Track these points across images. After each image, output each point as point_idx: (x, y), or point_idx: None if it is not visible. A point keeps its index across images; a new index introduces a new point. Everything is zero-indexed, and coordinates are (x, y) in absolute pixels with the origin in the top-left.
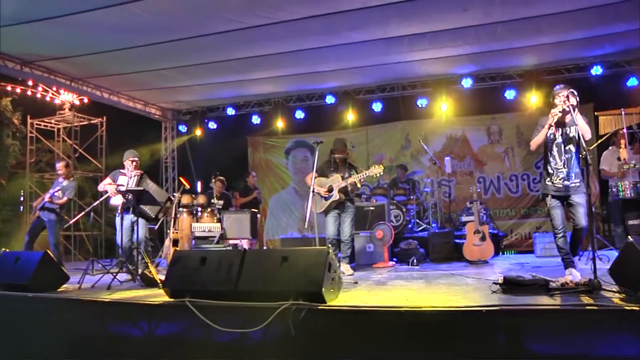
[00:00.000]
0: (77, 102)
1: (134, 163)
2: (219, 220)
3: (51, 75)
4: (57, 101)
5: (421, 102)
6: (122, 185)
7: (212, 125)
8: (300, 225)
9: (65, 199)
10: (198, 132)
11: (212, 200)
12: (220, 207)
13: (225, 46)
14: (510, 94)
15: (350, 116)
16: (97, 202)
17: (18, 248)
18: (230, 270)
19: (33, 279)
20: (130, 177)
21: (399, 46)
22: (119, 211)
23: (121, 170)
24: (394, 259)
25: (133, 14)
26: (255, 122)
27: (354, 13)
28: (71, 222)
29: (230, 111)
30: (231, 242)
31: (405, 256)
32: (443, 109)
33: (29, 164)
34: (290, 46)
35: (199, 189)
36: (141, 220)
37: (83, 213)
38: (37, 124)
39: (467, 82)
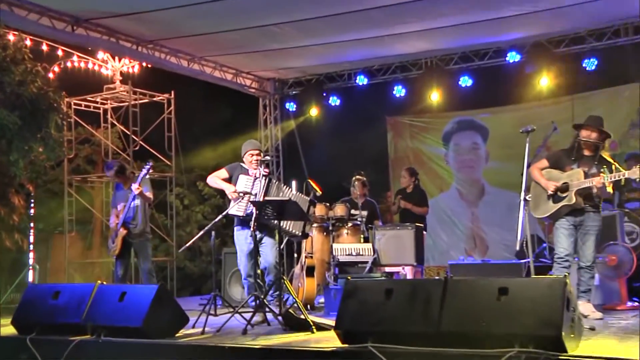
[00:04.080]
0: (130, 73)
1: (257, 157)
2: (366, 239)
3: (112, 37)
4: (105, 72)
5: None
6: (247, 192)
7: (334, 100)
8: (469, 245)
9: (149, 193)
10: (313, 111)
11: (353, 212)
12: (365, 219)
13: None
14: None
15: (545, 81)
16: (222, 215)
17: (56, 279)
18: (429, 306)
19: (148, 320)
20: (256, 179)
21: None
22: (251, 227)
23: (243, 165)
24: (635, 299)
25: None
26: (397, 95)
27: None
28: (188, 243)
29: (362, 80)
30: (387, 269)
31: None
32: None
33: (67, 161)
34: None
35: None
36: (269, 240)
37: (203, 231)
38: (75, 104)
39: None
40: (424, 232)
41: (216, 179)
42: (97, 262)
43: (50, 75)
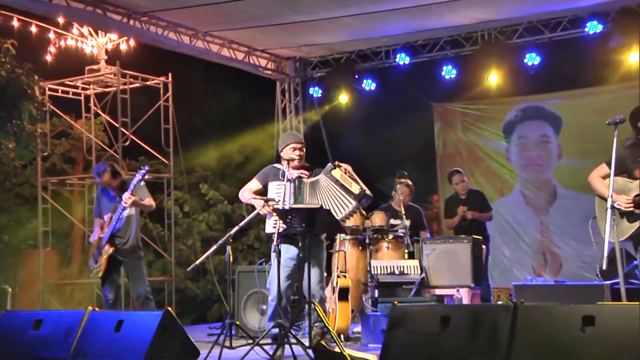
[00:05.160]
0: (118, 51)
1: (300, 153)
2: (412, 255)
3: (97, 8)
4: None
5: None
6: (273, 200)
7: (368, 84)
8: (538, 262)
9: (148, 200)
10: (342, 97)
11: (393, 221)
12: (408, 229)
13: None
14: None
15: (635, 56)
16: (239, 226)
17: (26, 304)
18: (495, 338)
19: (151, 354)
20: (289, 181)
21: None
22: (274, 241)
23: (277, 166)
24: None
25: None
26: (447, 77)
27: None
28: (198, 261)
29: (402, 58)
30: (438, 292)
31: None
32: None
33: (40, 159)
34: None
35: None
36: (315, 269)
37: (217, 246)
38: (50, 90)
39: None
40: (483, 247)
41: (245, 194)
42: (78, 284)
43: (48, 57)
